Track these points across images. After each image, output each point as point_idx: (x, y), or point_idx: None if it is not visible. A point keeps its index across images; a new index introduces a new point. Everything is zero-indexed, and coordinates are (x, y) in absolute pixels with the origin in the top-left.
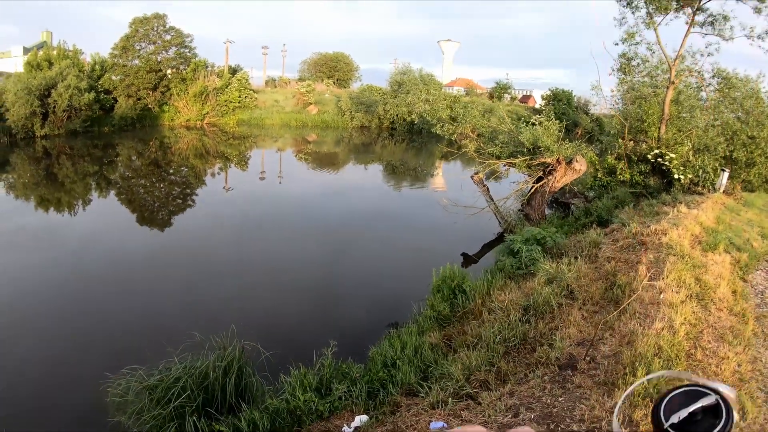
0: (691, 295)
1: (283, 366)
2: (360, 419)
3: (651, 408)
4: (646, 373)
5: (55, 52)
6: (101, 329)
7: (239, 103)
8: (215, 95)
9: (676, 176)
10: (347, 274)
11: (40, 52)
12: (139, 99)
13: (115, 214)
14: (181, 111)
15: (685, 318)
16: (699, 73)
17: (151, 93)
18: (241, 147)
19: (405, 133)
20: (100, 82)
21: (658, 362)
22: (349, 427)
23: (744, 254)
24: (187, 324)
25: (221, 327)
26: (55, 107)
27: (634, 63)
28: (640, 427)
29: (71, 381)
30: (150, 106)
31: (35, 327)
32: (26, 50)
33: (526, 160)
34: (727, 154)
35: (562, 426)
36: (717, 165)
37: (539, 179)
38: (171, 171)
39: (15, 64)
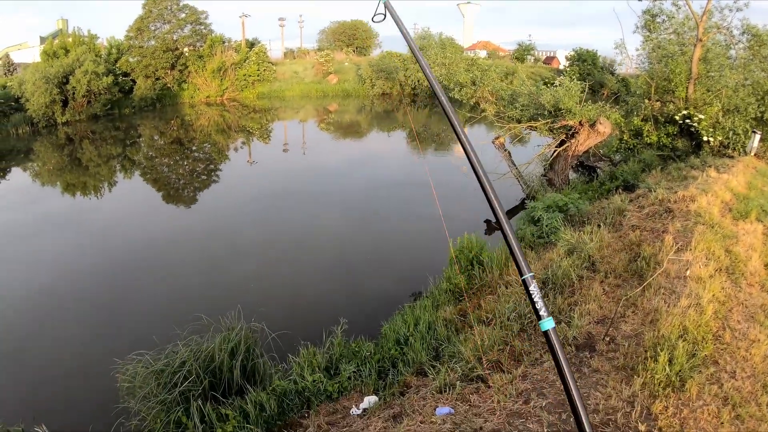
0: (720, 269)
1: (293, 346)
2: (369, 400)
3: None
4: (669, 358)
5: (70, 39)
6: (113, 312)
7: (258, 76)
8: (234, 70)
9: (705, 138)
10: (368, 247)
11: (56, 41)
12: (157, 79)
13: (138, 195)
14: (200, 88)
15: (713, 295)
16: (728, 29)
17: (169, 72)
18: (262, 120)
19: (427, 98)
20: (117, 65)
21: (683, 345)
22: (358, 409)
23: None
24: (198, 305)
25: (232, 307)
26: (74, 93)
27: (659, 20)
28: (659, 421)
29: (81, 365)
30: (169, 85)
31: (49, 312)
32: (42, 40)
33: (547, 123)
34: (758, 115)
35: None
36: (748, 127)
37: (562, 143)
38: (194, 148)
39: (33, 54)
